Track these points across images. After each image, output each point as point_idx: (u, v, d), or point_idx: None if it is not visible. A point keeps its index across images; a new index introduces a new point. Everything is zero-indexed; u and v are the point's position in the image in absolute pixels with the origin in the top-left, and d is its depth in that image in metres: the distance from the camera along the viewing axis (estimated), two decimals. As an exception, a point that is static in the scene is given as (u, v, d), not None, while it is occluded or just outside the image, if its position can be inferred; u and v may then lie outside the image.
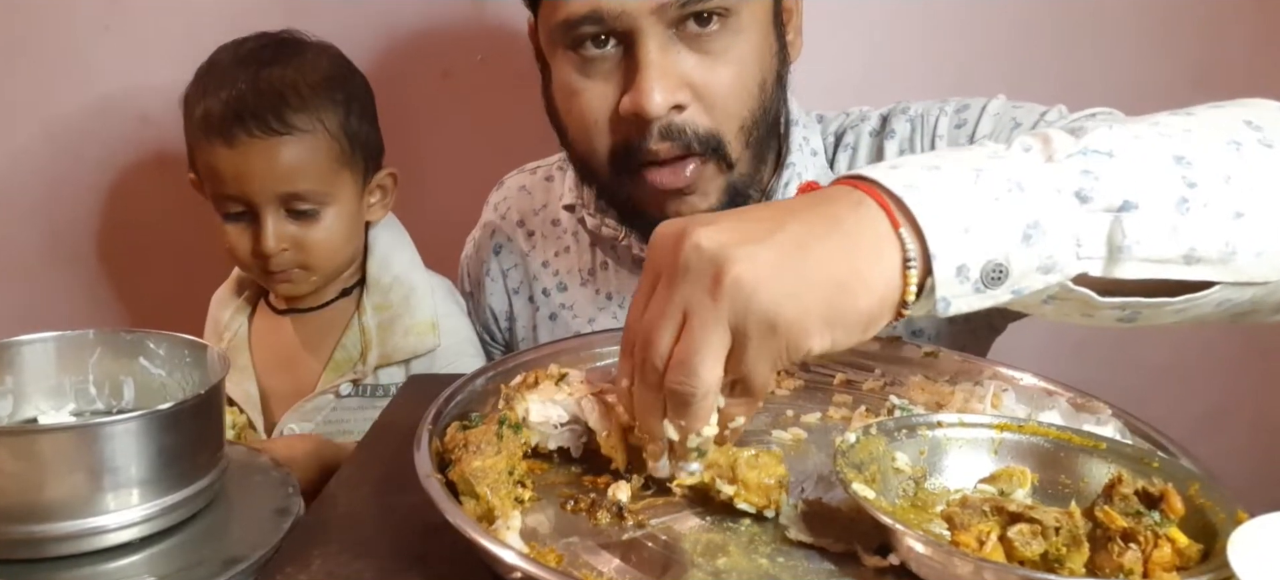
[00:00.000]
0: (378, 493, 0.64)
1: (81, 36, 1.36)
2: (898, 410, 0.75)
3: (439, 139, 1.39)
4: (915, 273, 0.55)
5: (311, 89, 1.03)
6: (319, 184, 1.03)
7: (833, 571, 0.54)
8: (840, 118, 1.04)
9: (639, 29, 0.83)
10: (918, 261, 0.55)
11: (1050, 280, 0.57)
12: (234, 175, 1.01)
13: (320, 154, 1.03)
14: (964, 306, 0.56)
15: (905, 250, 0.55)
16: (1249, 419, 1.45)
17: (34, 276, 1.44)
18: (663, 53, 0.84)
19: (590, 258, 1.07)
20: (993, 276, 0.55)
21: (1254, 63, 1.33)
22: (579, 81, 0.88)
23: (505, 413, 0.64)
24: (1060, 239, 0.56)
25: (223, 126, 1.00)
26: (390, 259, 1.13)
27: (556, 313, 1.09)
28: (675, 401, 0.55)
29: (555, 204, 1.11)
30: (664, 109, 0.84)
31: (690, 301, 0.54)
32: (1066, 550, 0.52)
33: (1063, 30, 1.32)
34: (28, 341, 0.69)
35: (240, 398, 1.11)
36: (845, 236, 0.55)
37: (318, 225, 1.04)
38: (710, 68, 0.85)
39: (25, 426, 0.65)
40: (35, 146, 1.40)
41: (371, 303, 1.11)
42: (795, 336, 0.54)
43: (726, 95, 0.86)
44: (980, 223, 0.55)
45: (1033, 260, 0.56)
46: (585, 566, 0.54)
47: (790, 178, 0.97)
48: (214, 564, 0.58)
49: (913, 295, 0.55)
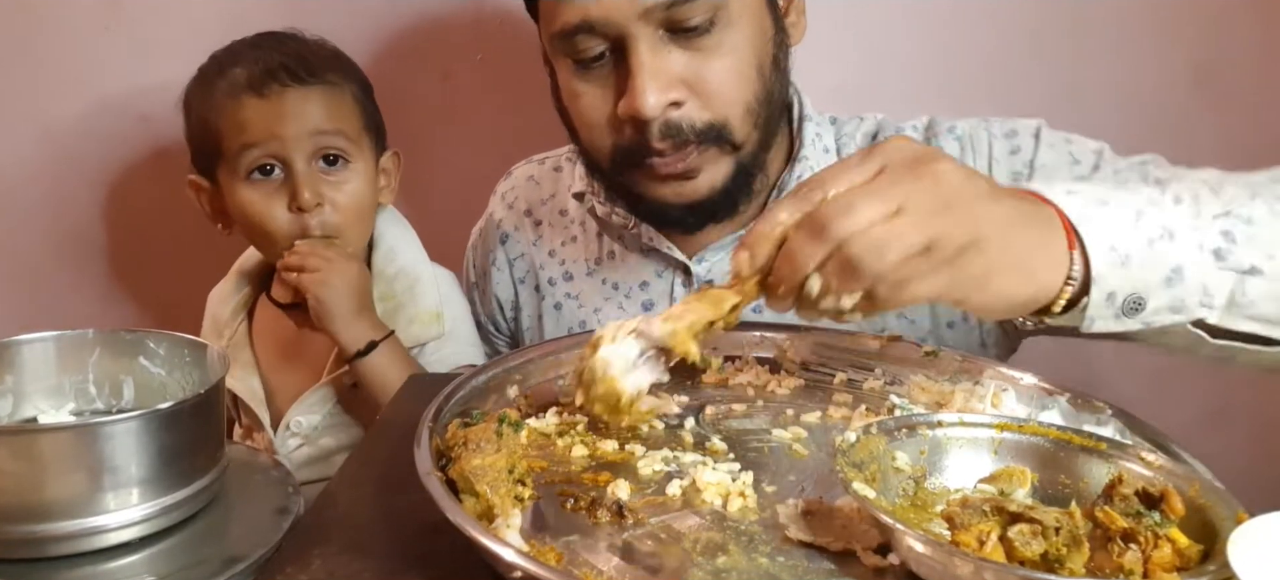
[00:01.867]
0: (378, 492, 0.64)
1: (81, 36, 1.36)
2: (898, 410, 0.75)
3: (439, 139, 1.39)
4: (1071, 290, 0.63)
5: (332, 54, 1.09)
6: (349, 133, 1.06)
7: (833, 571, 0.54)
8: (856, 122, 1.02)
9: (629, 34, 0.84)
10: (1077, 281, 0.63)
11: (1176, 319, 0.65)
12: (265, 124, 1.02)
13: (347, 107, 1.06)
14: (1102, 327, 0.65)
15: (1072, 269, 0.62)
16: (1249, 419, 1.45)
17: (34, 276, 1.44)
18: (654, 54, 0.84)
19: (598, 247, 1.07)
20: (1132, 307, 0.64)
21: (1254, 63, 1.33)
22: (579, 86, 0.90)
23: (506, 412, 0.64)
24: (1193, 287, 0.64)
25: (253, 82, 1.02)
26: (395, 250, 1.14)
27: (561, 302, 1.09)
28: (848, 267, 0.58)
29: (563, 194, 1.11)
30: (659, 110, 0.85)
31: (913, 202, 0.58)
32: (1067, 550, 0.52)
33: (1063, 30, 1.32)
34: (28, 341, 0.69)
35: (244, 394, 1.10)
36: (1042, 233, 0.63)
37: (347, 182, 1.06)
38: (704, 62, 0.86)
39: (25, 426, 0.65)
40: (35, 146, 1.39)
41: (376, 292, 1.11)
42: (972, 282, 0.60)
43: (723, 86, 0.87)
44: (1135, 260, 0.63)
45: (1167, 300, 0.64)
46: (585, 565, 0.54)
47: (803, 171, 0.97)
48: (214, 564, 0.58)
49: (1060, 307, 0.63)
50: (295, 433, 1.08)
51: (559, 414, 0.74)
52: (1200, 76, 1.33)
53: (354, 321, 1.02)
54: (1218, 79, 1.33)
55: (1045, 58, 1.33)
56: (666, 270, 1.02)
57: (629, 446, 0.69)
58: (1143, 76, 1.33)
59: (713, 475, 0.64)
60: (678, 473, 0.65)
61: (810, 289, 0.59)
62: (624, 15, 0.83)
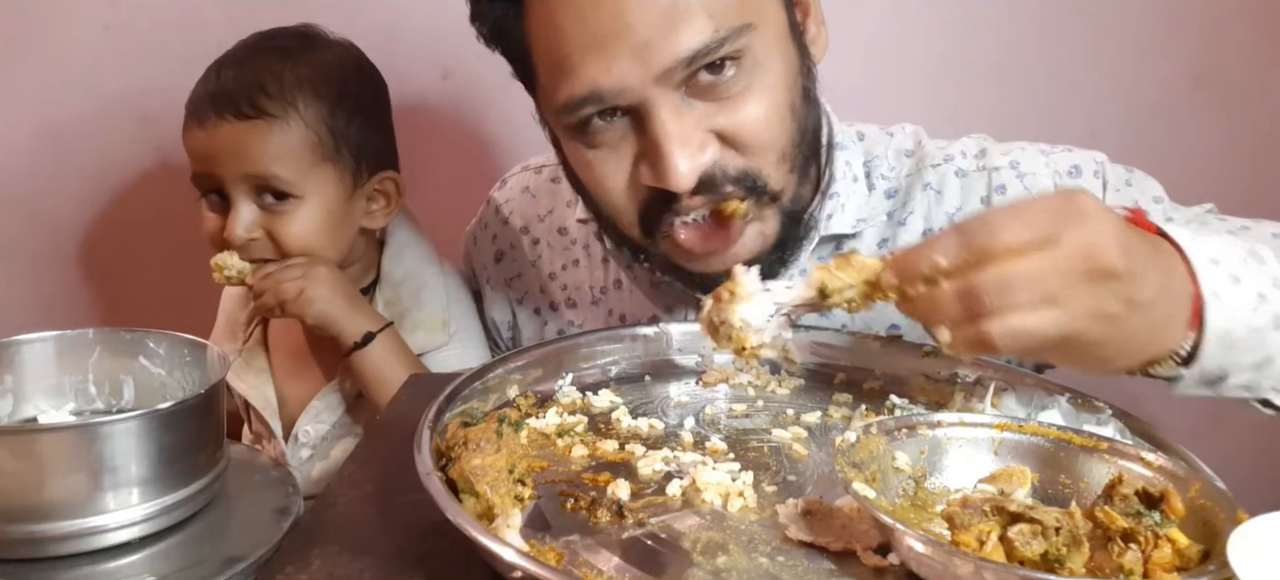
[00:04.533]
0: (378, 492, 0.64)
1: (81, 36, 1.36)
2: (898, 410, 0.75)
3: (439, 139, 1.39)
4: (1173, 364, 0.63)
5: (296, 79, 1.01)
6: (291, 173, 1.01)
7: (833, 571, 0.54)
8: (886, 138, 0.96)
9: (646, 100, 0.75)
10: (1182, 356, 0.63)
11: (1243, 395, 0.66)
12: (203, 155, 1.01)
13: (292, 143, 1.01)
14: (1186, 392, 0.65)
15: (1183, 346, 0.62)
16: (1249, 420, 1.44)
17: (34, 276, 1.44)
18: (678, 118, 0.75)
19: (603, 275, 1.01)
20: (1213, 380, 0.64)
21: (1254, 63, 1.33)
22: (589, 156, 0.81)
23: (506, 412, 0.64)
24: (1273, 373, 0.65)
25: (197, 109, 1.01)
26: (403, 254, 1.12)
27: (564, 330, 1.04)
28: (983, 342, 0.56)
29: (562, 210, 1.05)
30: (692, 179, 0.76)
31: (1071, 304, 0.56)
32: (1067, 550, 0.52)
33: (1063, 30, 1.32)
34: (28, 341, 0.69)
35: (258, 402, 1.09)
36: (1170, 311, 0.61)
37: (290, 218, 1.02)
38: (733, 111, 0.77)
39: (25, 426, 0.65)
40: (35, 146, 1.39)
41: (383, 299, 1.10)
42: (1085, 360, 0.60)
43: (757, 134, 0.78)
44: (1241, 344, 0.63)
45: (1247, 379, 0.65)
46: (585, 565, 0.54)
47: (833, 209, 0.89)
48: (214, 563, 0.58)
49: (1157, 369, 0.64)
50: (304, 442, 1.07)
51: (559, 414, 0.74)
52: (1199, 78, 1.33)
53: (352, 315, 1.01)
54: (1217, 80, 1.33)
55: (1045, 58, 1.33)
56: (678, 306, 0.96)
57: (629, 446, 0.69)
58: (1143, 77, 1.33)
59: (713, 475, 0.64)
60: (678, 473, 0.65)
61: (940, 339, 0.58)
62: (639, 81, 0.74)
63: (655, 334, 0.85)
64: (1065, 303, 0.55)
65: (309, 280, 1.00)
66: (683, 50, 0.73)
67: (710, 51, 0.74)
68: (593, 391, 0.79)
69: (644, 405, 0.78)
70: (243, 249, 1.02)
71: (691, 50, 0.73)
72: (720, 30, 0.74)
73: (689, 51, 0.73)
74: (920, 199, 0.92)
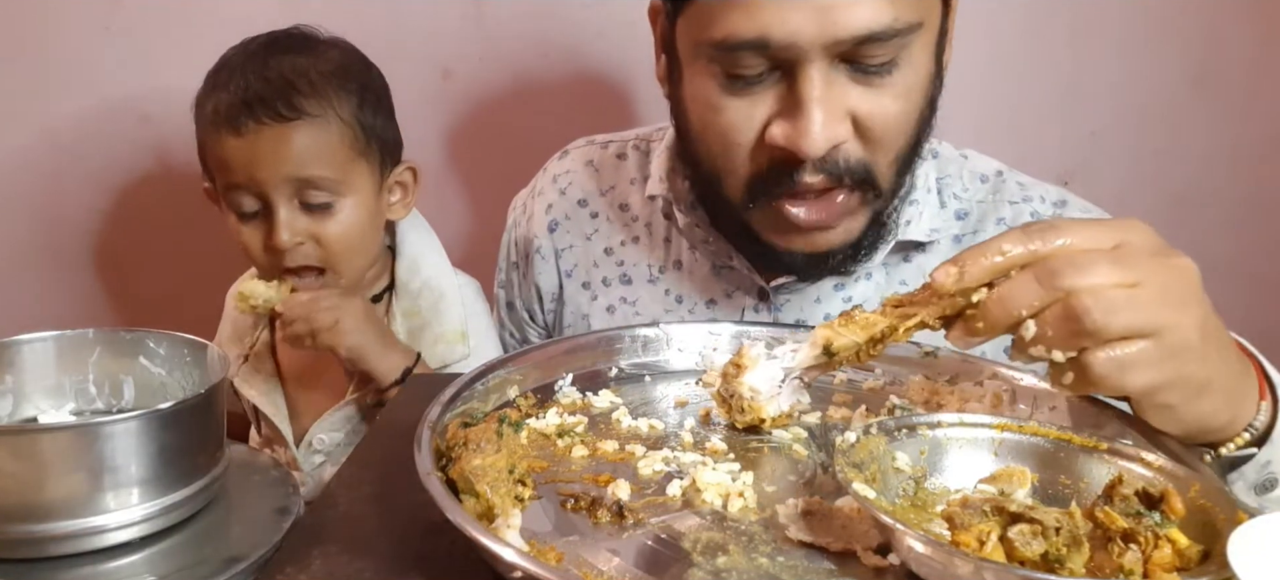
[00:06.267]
0: (378, 492, 0.64)
1: (82, 37, 1.36)
2: (898, 410, 0.75)
3: (439, 139, 1.39)
4: (1245, 439, 0.63)
5: (322, 76, 1.01)
6: (333, 171, 1.00)
7: (833, 571, 0.54)
8: (959, 160, 0.97)
9: (806, 60, 0.75)
10: (1253, 434, 0.63)
11: None
12: (243, 165, 0.99)
13: (333, 140, 1.00)
14: (1239, 489, 0.66)
15: (1256, 418, 0.63)
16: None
17: (34, 276, 1.45)
18: (828, 86, 0.76)
19: (664, 254, 0.99)
20: (1266, 486, 0.66)
21: (1254, 63, 1.33)
22: (722, 99, 0.80)
23: (506, 412, 0.64)
24: None
25: (231, 116, 0.98)
26: (419, 261, 1.11)
27: (615, 306, 1.01)
28: (1072, 319, 0.56)
29: (625, 186, 1.03)
30: (825, 149, 0.77)
31: (1154, 281, 0.56)
32: (1067, 550, 0.52)
33: (1063, 31, 1.32)
34: (28, 341, 0.69)
35: (268, 408, 1.09)
36: (1243, 364, 0.63)
37: (333, 218, 1.01)
38: (875, 99, 0.78)
39: (25, 426, 0.65)
40: (35, 147, 1.40)
41: (401, 309, 1.09)
42: (1184, 390, 0.59)
43: (889, 130, 0.79)
44: None
45: None
46: (585, 565, 0.54)
47: (912, 216, 0.91)
48: (214, 563, 0.58)
49: (1221, 447, 0.63)
50: (318, 449, 1.07)
51: (559, 414, 0.74)
52: (1198, 77, 1.33)
53: (386, 353, 1.00)
54: (1215, 80, 1.33)
55: (1045, 58, 1.33)
56: (738, 292, 0.96)
57: (629, 446, 0.69)
58: (1142, 77, 1.33)
59: (713, 475, 0.64)
60: (678, 473, 0.65)
61: (1025, 332, 0.57)
62: (808, 40, 0.74)
63: (656, 334, 0.85)
64: (1151, 285, 0.56)
65: (343, 312, 0.99)
66: (860, 25, 0.74)
67: (883, 38, 0.75)
68: (593, 392, 0.79)
69: (644, 405, 0.77)
70: (288, 254, 1.01)
71: (868, 28, 0.74)
72: (898, 20, 0.75)
73: (866, 29, 0.74)
74: (992, 232, 0.91)
